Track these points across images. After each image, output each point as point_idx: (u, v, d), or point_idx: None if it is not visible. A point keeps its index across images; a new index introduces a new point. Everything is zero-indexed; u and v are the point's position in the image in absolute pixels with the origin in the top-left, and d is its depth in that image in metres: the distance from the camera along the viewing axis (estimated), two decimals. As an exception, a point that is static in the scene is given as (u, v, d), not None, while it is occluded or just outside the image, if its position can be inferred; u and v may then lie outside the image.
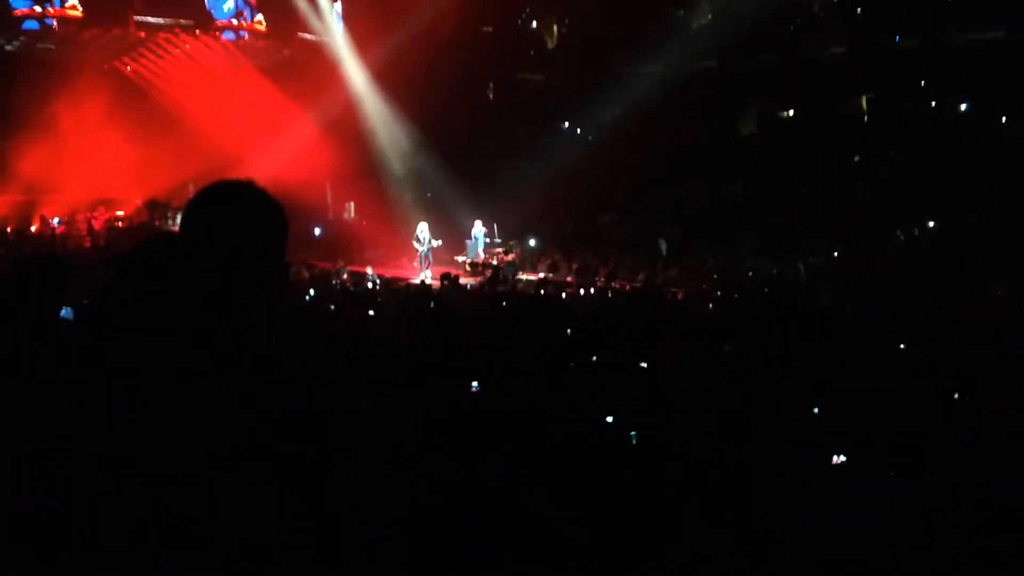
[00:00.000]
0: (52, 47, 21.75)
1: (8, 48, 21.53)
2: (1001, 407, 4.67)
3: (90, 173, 21.28)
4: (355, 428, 1.58)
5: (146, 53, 22.84)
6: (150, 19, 20.65)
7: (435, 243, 19.93)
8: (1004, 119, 21.70)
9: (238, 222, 1.63)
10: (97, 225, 21.69)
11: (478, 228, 21.30)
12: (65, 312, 3.32)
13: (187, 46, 22.48)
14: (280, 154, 21.15)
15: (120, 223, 22.26)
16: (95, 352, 1.58)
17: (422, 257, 19.65)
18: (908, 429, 4.41)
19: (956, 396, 5.24)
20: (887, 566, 3.31)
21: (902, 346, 7.45)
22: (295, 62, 23.29)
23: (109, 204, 23.10)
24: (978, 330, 7.83)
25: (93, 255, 16.78)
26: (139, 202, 23.24)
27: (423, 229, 19.75)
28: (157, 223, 21.64)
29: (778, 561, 3.32)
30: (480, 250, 21.16)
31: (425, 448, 3.87)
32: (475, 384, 5.83)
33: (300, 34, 22.96)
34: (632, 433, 4.59)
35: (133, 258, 1.72)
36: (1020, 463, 3.80)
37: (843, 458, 4.11)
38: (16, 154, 19.89)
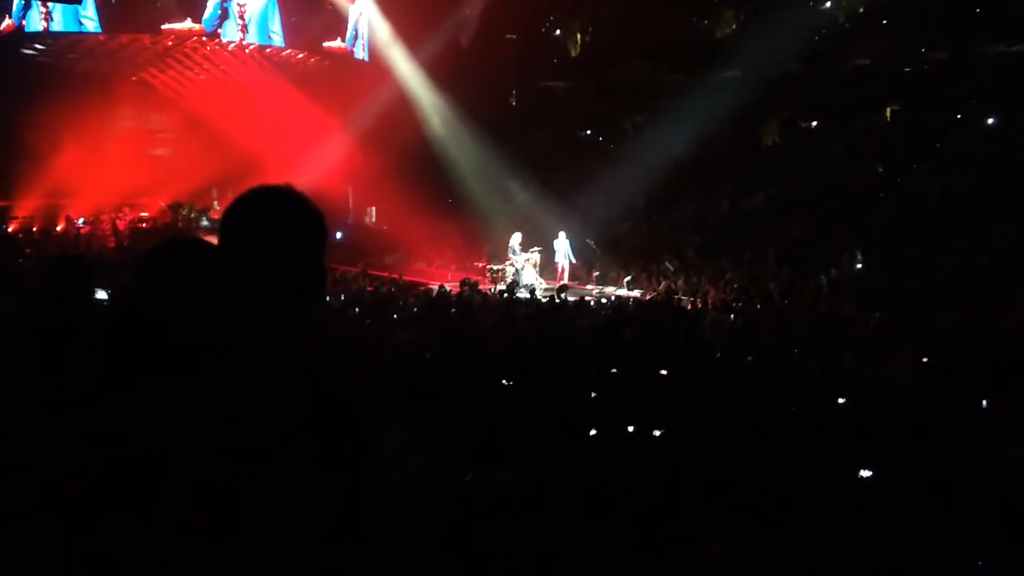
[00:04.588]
0: (79, 57, 21.98)
1: (40, 60, 21.75)
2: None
3: (116, 178, 21.49)
4: (386, 433, 1.56)
5: (173, 64, 23.03)
6: (176, 27, 20.64)
7: (530, 256, 17.98)
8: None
9: (278, 227, 1.62)
10: (121, 226, 21.87)
11: (562, 240, 18.87)
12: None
13: (215, 56, 22.64)
14: (302, 158, 21.26)
15: (144, 224, 22.45)
16: (122, 354, 1.56)
17: (519, 271, 17.65)
18: (930, 441, 4.37)
19: (979, 409, 5.19)
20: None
21: (924, 360, 7.38)
22: (320, 70, 23.43)
23: (133, 205, 23.31)
24: (1002, 343, 7.75)
25: (117, 255, 16.94)
26: (163, 204, 23.45)
27: (516, 239, 17.93)
28: (180, 224, 21.83)
29: (800, 571, 3.30)
30: (568, 260, 18.86)
31: (446, 455, 3.87)
32: (489, 389, 5.84)
33: (325, 43, 23.10)
34: (655, 433, 4.58)
35: (156, 262, 1.68)
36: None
37: (868, 472, 4.08)
38: (44, 159, 20.08)
